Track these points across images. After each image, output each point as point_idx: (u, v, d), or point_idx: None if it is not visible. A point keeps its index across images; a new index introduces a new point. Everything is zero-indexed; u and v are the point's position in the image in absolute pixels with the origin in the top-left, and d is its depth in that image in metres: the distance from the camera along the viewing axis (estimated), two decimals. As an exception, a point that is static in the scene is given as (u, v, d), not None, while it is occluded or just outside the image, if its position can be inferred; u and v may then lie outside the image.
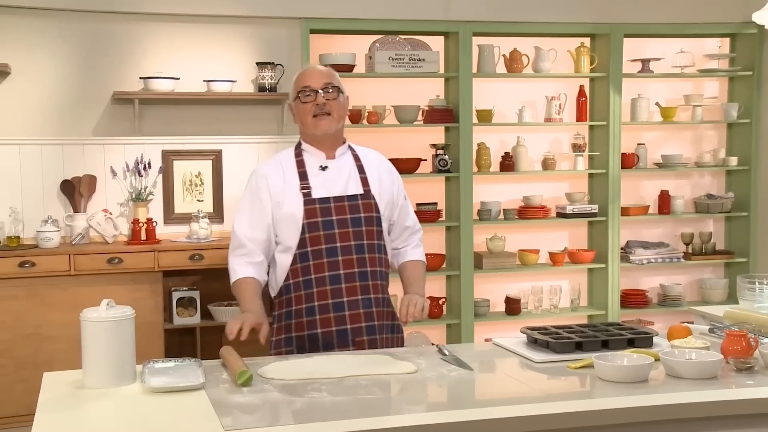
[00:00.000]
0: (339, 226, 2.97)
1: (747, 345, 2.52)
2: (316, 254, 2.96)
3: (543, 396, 2.32)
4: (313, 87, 3.00)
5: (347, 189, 3.03)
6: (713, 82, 6.55)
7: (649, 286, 6.44)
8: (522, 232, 6.26)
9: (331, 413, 2.14)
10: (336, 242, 2.97)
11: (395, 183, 3.18)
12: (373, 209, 3.04)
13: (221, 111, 5.54)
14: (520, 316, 6.03)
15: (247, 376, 2.40)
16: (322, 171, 3.05)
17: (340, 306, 2.96)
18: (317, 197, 2.99)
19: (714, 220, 6.59)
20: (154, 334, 5.13)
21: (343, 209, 3.00)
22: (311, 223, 2.96)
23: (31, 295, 4.94)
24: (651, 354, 2.53)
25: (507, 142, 6.15)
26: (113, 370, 2.35)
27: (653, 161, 6.37)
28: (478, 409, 2.15)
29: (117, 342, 2.36)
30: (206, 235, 5.29)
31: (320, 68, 3.10)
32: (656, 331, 2.82)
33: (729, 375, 2.48)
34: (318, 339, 2.97)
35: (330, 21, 5.61)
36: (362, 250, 2.99)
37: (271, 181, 3.03)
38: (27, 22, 5.19)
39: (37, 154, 5.27)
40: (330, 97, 3.02)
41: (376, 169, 3.13)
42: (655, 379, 2.44)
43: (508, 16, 5.87)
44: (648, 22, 6.09)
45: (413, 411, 2.14)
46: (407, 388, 2.38)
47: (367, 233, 3.01)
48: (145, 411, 2.18)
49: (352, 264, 2.97)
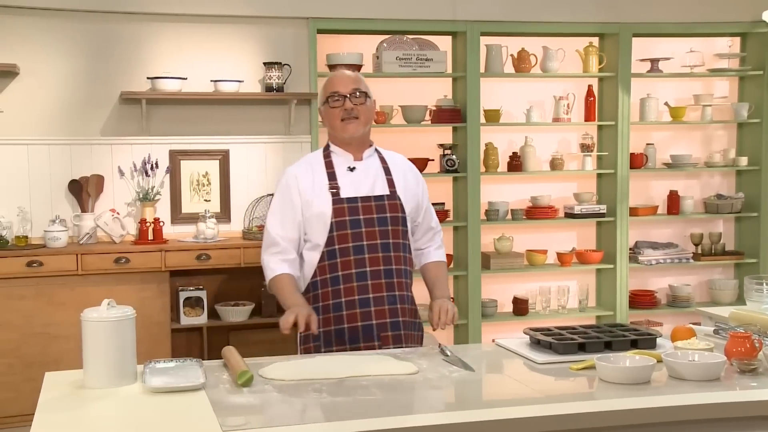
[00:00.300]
0: (366, 225, 3.08)
1: (751, 347, 2.50)
2: (343, 252, 3.07)
3: (544, 397, 2.31)
4: (342, 92, 3.11)
5: (374, 189, 3.14)
6: (723, 82, 6.52)
7: (658, 287, 6.41)
8: (530, 233, 6.24)
9: (330, 414, 2.14)
10: (363, 240, 3.07)
11: (420, 185, 3.29)
12: (398, 209, 3.14)
13: (228, 111, 5.54)
14: (528, 316, 6.01)
15: (248, 376, 2.39)
16: (350, 172, 3.15)
17: (366, 302, 3.06)
18: (345, 197, 3.10)
19: (724, 221, 6.55)
20: (161, 334, 5.14)
21: (370, 209, 3.10)
22: (339, 221, 3.07)
23: (39, 295, 4.96)
24: (653, 355, 2.52)
25: (515, 142, 6.13)
26: (114, 370, 2.36)
27: (662, 161, 6.34)
28: (478, 410, 2.14)
29: (117, 342, 2.36)
30: (213, 235, 5.29)
31: (348, 74, 3.20)
32: (660, 333, 2.80)
33: (732, 377, 2.47)
34: (344, 334, 3.07)
35: (337, 21, 5.61)
36: (388, 249, 3.09)
37: (300, 181, 3.14)
38: (35, 23, 5.21)
39: (45, 154, 5.28)
40: (357, 102, 3.12)
41: (402, 171, 3.24)
42: (658, 380, 2.42)
43: (516, 16, 5.85)
44: (657, 22, 6.06)
45: (413, 412, 2.13)
46: (407, 389, 2.37)
47: (393, 232, 3.12)
48: (144, 411, 2.18)
49: (378, 262, 3.07)
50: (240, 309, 5.38)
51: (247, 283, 5.57)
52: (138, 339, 4.98)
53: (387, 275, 3.08)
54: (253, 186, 5.58)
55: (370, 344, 3.04)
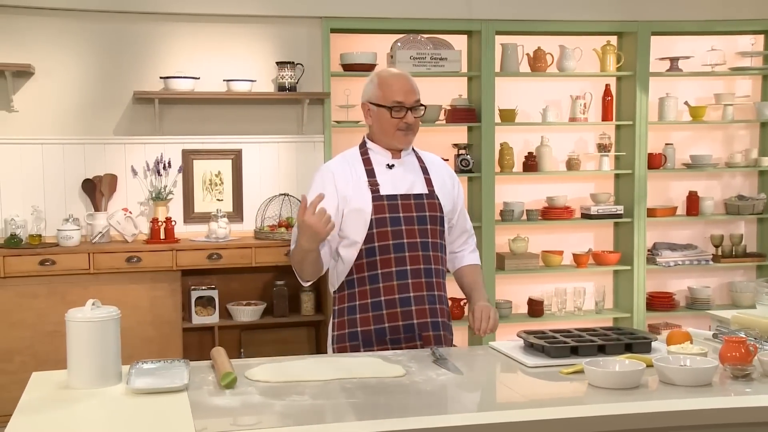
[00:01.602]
0: (406, 222, 3.02)
1: (746, 351, 2.44)
2: (383, 249, 3.01)
3: (527, 402, 2.27)
4: (406, 105, 3.03)
5: (413, 188, 3.09)
6: (746, 81, 6.41)
7: (677, 289, 6.32)
8: (545, 233, 6.18)
9: (307, 417, 2.12)
10: (403, 238, 3.02)
11: (456, 186, 3.24)
12: (437, 209, 3.09)
13: (241, 110, 5.54)
14: (543, 317, 5.96)
15: (231, 378, 2.37)
16: (389, 169, 3.10)
17: (407, 301, 3.01)
18: (385, 194, 3.04)
19: (745, 222, 6.45)
20: (173, 333, 5.16)
21: (410, 207, 3.05)
22: (379, 218, 3.01)
23: (52, 293, 4.99)
24: (645, 360, 2.47)
25: (531, 142, 6.08)
26: (97, 371, 2.35)
27: (682, 162, 6.25)
28: (451, 415, 2.10)
29: (101, 342, 2.35)
30: (225, 234, 5.30)
31: (411, 82, 3.08)
32: (656, 336, 2.75)
33: (725, 382, 2.41)
34: (386, 333, 3.01)
35: (351, 20, 5.59)
36: (427, 248, 3.05)
37: (338, 177, 3.08)
38: (50, 23, 5.25)
39: (60, 153, 5.32)
40: (417, 114, 3.07)
41: (439, 172, 3.19)
42: (647, 386, 2.37)
43: (531, 15, 5.80)
44: (677, 20, 5.98)
45: (390, 416, 2.10)
46: (390, 393, 2.34)
47: (432, 232, 3.07)
48: (121, 412, 2.17)
49: (418, 260, 3.02)
50: (252, 309, 5.39)
51: (260, 283, 5.58)
52: (149, 338, 5.08)
53: (427, 274, 3.03)
54: (265, 185, 5.57)
55: (411, 344, 2.98)
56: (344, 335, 3.06)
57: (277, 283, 5.44)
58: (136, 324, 5.07)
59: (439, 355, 2.71)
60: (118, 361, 2.43)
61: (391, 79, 3.07)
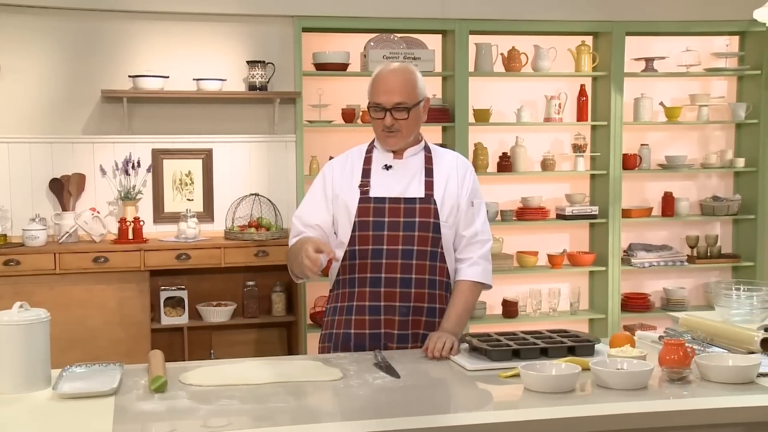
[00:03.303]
0: (389, 228, 2.93)
1: (684, 354, 2.41)
2: (362, 254, 2.95)
3: (455, 406, 2.25)
4: (384, 106, 2.91)
5: (407, 191, 2.97)
6: (721, 82, 6.38)
7: (653, 290, 6.29)
8: (520, 234, 6.15)
9: (228, 422, 2.09)
10: (383, 244, 2.93)
11: (464, 187, 3.04)
12: (431, 215, 2.95)
13: (211, 110, 5.51)
14: (518, 318, 5.92)
15: (161, 382, 2.35)
16: (386, 170, 3.00)
17: (376, 310, 2.94)
18: (374, 196, 2.96)
19: (721, 223, 6.42)
20: (140, 334, 5.12)
21: (398, 211, 2.95)
22: (362, 221, 2.95)
23: (18, 294, 4.89)
24: (582, 363, 2.44)
25: (505, 142, 6.04)
26: (23, 376, 2.31)
27: (657, 162, 6.22)
28: (368, 420, 2.07)
29: (28, 346, 2.32)
30: (194, 234, 5.26)
31: (395, 81, 2.93)
32: (599, 339, 2.72)
33: (662, 385, 2.38)
34: (350, 339, 2.96)
35: (323, 19, 5.55)
36: (409, 256, 2.93)
37: (336, 173, 3.05)
38: (16, 21, 5.20)
39: (26, 152, 5.28)
40: (399, 117, 2.92)
41: (446, 173, 3.02)
42: (583, 389, 2.34)
43: (505, 14, 5.76)
44: (652, 20, 5.95)
45: (307, 421, 2.08)
46: (321, 396, 2.32)
47: (420, 239, 2.93)
48: (43, 418, 2.14)
49: (395, 269, 2.93)
50: (222, 309, 5.35)
51: (230, 284, 5.54)
52: (117, 339, 5.05)
53: (403, 284, 2.92)
54: (236, 185, 5.54)
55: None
56: (325, 335, 3.06)
57: (248, 284, 5.41)
58: (103, 325, 5.04)
59: (381, 359, 2.68)
60: (47, 366, 2.39)
61: (378, 78, 2.97)
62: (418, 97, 2.97)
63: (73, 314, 5.00)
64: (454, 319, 2.93)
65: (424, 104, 3.02)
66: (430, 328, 2.95)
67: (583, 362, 2.45)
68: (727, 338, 2.81)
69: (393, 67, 2.99)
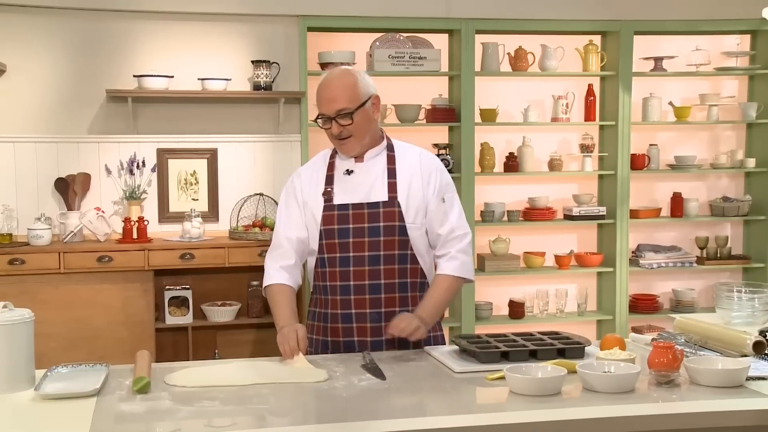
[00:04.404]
0: (354, 235, 2.88)
1: (673, 357, 2.37)
2: (330, 262, 2.92)
3: (438, 408, 2.23)
4: (328, 115, 2.87)
5: (370, 195, 2.91)
6: (731, 81, 6.32)
7: (662, 291, 6.24)
8: (527, 234, 6.11)
9: (206, 423, 2.08)
10: (349, 252, 2.89)
11: (431, 184, 2.95)
12: (396, 218, 2.89)
13: (216, 109, 5.51)
14: (525, 319, 5.89)
15: (144, 383, 2.34)
16: (347, 175, 2.95)
17: (348, 317, 2.91)
18: (338, 203, 2.91)
19: (732, 224, 6.35)
20: (144, 334, 5.12)
21: (362, 217, 2.89)
22: (328, 229, 2.91)
23: (22, 293, 4.95)
24: (569, 366, 2.41)
25: (513, 142, 6.01)
26: (6, 376, 2.31)
27: (666, 162, 6.16)
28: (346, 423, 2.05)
29: (11, 347, 2.32)
30: (198, 234, 5.26)
31: (333, 89, 2.87)
32: (590, 342, 2.69)
33: (650, 389, 2.35)
34: (328, 347, 2.95)
35: (329, 19, 5.54)
36: (377, 262, 2.89)
37: (303, 180, 3.01)
38: (23, 20, 5.23)
39: (32, 152, 5.30)
40: (344, 123, 2.85)
41: (409, 172, 2.95)
42: (569, 393, 2.31)
43: (512, 14, 5.73)
44: (660, 19, 5.89)
45: (283, 424, 2.06)
46: (303, 398, 2.30)
47: (386, 244, 2.89)
48: (21, 419, 2.14)
49: (362, 276, 2.89)
50: (226, 309, 5.35)
51: (235, 283, 5.54)
52: (121, 338, 5.05)
53: (372, 291, 2.88)
54: (241, 185, 5.53)
55: None
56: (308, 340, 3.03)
57: (252, 284, 5.40)
58: (107, 324, 5.05)
59: (368, 360, 2.66)
60: (30, 366, 2.39)
61: (319, 88, 2.94)
62: (360, 98, 2.88)
63: (78, 314, 5.01)
64: (429, 308, 2.90)
65: (371, 103, 2.93)
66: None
67: (571, 365, 2.42)
68: (720, 341, 2.77)
69: (331, 74, 2.94)
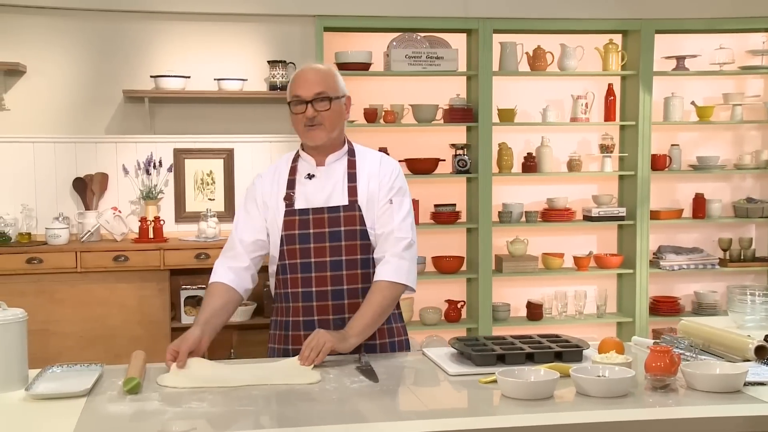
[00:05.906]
0: (315, 240, 2.84)
1: (670, 362, 2.33)
2: (292, 268, 2.87)
3: (426, 412, 2.19)
4: (304, 98, 2.82)
5: (330, 200, 2.87)
6: (757, 80, 6.21)
7: (684, 294, 6.15)
8: (545, 235, 6.06)
9: (190, 426, 2.07)
10: (310, 257, 2.84)
11: (383, 186, 2.91)
12: (356, 222, 2.85)
13: (233, 109, 5.52)
14: (543, 321, 5.83)
15: (134, 383, 2.33)
16: (308, 179, 2.91)
17: (310, 324, 2.85)
18: (298, 208, 2.87)
19: (756, 226, 6.25)
20: (160, 333, 5.15)
21: (322, 222, 2.85)
22: (289, 235, 2.86)
23: (40, 292, 5.01)
24: (563, 370, 2.37)
25: (531, 143, 5.96)
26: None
27: (689, 163, 6.08)
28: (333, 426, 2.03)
29: (3, 346, 2.33)
30: (214, 234, 5.28)
31: (313, 74, 2.85)
32: (588, 345, 2.65)
33: (646, 393, 2.31)
34: (290, 355, 2.86)
35: (345, 19, 5.52)
36: (339, 267, 2.85)
37: (265, 185, 2.96)
38: (41, 22, 5.28)
39: (51, 152, 5.35)
40: (321, 107, 2.82)
41: (367, 176, 2.91)
42: (562, 397, 2.27)
43: (530, 13, 5.68)
44: (682, 18, 5.81)
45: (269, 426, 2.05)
46: (292, 400, 2.28)
47: (347, 248, 2.85)
48: (9, 419, 2.14)
49: (324, 282, 2.84)
50: (242, 309, 5.35)
51: (251, 283, 5.54)
52: (137, 337, 5.08)
53: (335, 297, 2.84)
54: (257, 185, 5.53)
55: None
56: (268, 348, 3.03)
57: (268, 284, 5.39)
58: (123, 323, 5.09)
59: (364, 362, 2.64)
60: (23, 366, 2.39)
61: (296, 75, 2.90)
62: (339, 91, 2.87)
63: (94, 312, 5.05)
64: (358, 327, 2.75)
65: (346, 102, 2.92)
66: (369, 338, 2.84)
67: (565, 369, 2.38)
68: (723, 345, 2.71)
69: (308, 65, 2.92)
